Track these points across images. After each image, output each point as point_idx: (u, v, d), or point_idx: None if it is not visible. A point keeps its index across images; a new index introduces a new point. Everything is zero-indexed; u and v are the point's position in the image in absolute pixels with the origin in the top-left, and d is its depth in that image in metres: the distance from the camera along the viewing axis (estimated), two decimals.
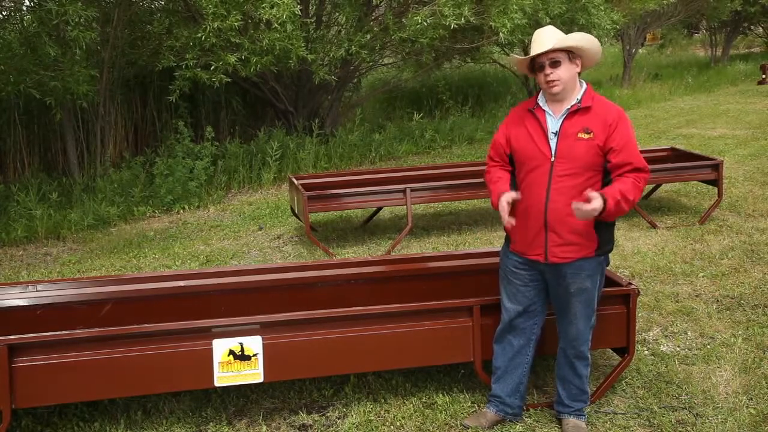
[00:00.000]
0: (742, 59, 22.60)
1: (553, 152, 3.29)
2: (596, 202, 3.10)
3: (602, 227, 3.32)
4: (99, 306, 4.18)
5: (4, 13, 8.28)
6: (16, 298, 4.13)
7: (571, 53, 3.28)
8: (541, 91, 3.41)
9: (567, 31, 3.41)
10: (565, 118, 3.31)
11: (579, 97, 3.32)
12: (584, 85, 3.37)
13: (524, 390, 3.67)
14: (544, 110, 3.37)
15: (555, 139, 3.30)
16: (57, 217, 7.65)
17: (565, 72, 3.27)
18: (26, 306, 4.12)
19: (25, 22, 8.09)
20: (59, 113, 8.35)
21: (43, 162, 9.53)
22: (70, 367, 3.38)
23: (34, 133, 9.42)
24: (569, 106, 3.31)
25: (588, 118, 3.28)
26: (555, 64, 3.26)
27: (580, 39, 3.28)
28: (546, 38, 3.27)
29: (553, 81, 3.26)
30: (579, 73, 3.36)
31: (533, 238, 3.37)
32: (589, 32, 11.49)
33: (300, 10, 8.04)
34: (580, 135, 3.26)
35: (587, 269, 3.34)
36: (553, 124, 3.33)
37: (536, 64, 3.31)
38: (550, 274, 3.41)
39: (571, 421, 3.55)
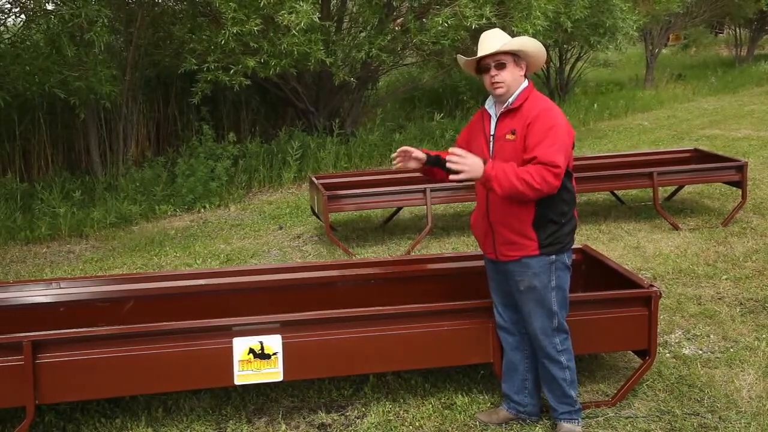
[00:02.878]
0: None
1: (491, 155, 3.37)
2: (472, 159, 3.13)
3: (541, 226, 3.32)
4: (121, 304, 4.22)
5: (30, 15, 8.38)
6: (40, 295, 4.18)
7: (516, 56, 3.33)
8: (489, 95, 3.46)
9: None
10: (497, 121, 3.38)
11: (512, 99, 3.34)
12: (523, 85, 3.37)
13: (533, 387, 3.63)
14: (489, 113, 3.45)
15: (492, 141, 3.38)
16: (80, 215, 7.73)
17: (509, 74, 3.32)
18: (50, 303, 4.17)
19: (49, 23, 8.18)
20: (83, 113, 8.44)
21: (66, 161, 9.64)
22: (92, 363, 3.41)
23: (57, 133, 9.53)
24: (503, 108, 3.36)
25: (515, 120, 3.31)
26: (500, 66, 3.31)
27: (525, 43, 3.34)
28: (492, 41, 3.32)
29: (498, 83, 3.31)
30: (525, 76, 3.39)
31: (485, 237, 3.50)
32: (614, 36, 11.48)
33: (320, 14, 8.05)
34: (507, 137, 3.31)
35: (534, 267, 3.35)
36: (492, 126, 3.41)
37: (482, 66, 3.36)
38: (504, 272, 3.47)
39: (564, 426, 3.52)
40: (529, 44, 3.35)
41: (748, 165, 7.07)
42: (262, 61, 8.25)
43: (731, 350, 4.37)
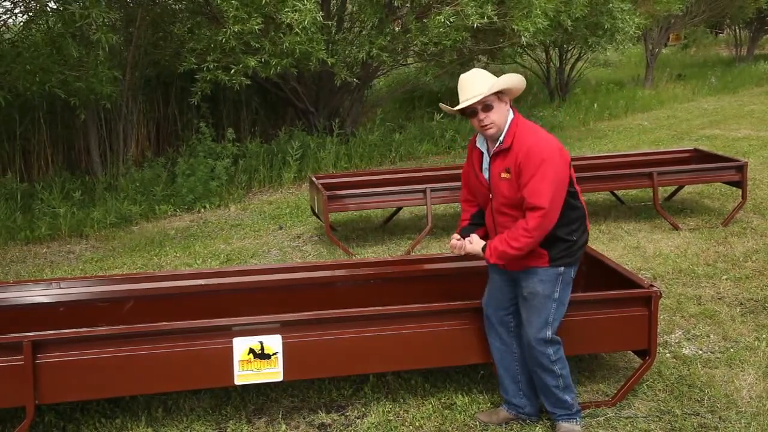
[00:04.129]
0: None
1: (490, 191, 3.45)
2: (471, 247, 3.46)
3: (552, 246, 3.36)
4: (121, 304, 4.22)
5: (30, 14, 8.38)
6: (40, 295, 4.18)
7: (500, 92, 3.36)
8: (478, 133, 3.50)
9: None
10: (491, 160, 3.42)
11: (501, 139, 3.37)
12: (509, 119, 3.38)
13: (528, 389, 3.63)
14: (480, 150, 3.50)
15: (489, 179, 3.44)
16: (80, 215, 7.73)
17: (497, 114, 3.35)
18: (50, 303, 4.17)
19: (50, 23, 8.18)
20: (83, 113, 8.45)
21: (66, 161, 9.64)
22: (92, 363, 3.41)
23: (57, 133, 9.53)
24: (495, 147, 3.39)
25: (508, 159, 3.34)
26: (487, 108, 3.34)
27: (508, 81, 3.36)
28: (473, 85, 3.35)
29: (488, 125, 3.35)
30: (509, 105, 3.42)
31: None
32: (613, 36, 11.48)
33: (322, 13, 8.05)
34: (503, 176, 3.36)
35: (541, 274, 3.39)
36: (487, 162, 3.46)
37: (468, 111, 3.39)
38: (511, 277, 3.52)
39: (562, 426, 3.53)
40: (512, 81, 3.38)
41: (748, 165, 7.07)
42: (262, 60, 8.25)
43: (731, 350, 4.37)
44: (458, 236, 3.59)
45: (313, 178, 6.90)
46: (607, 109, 14.42)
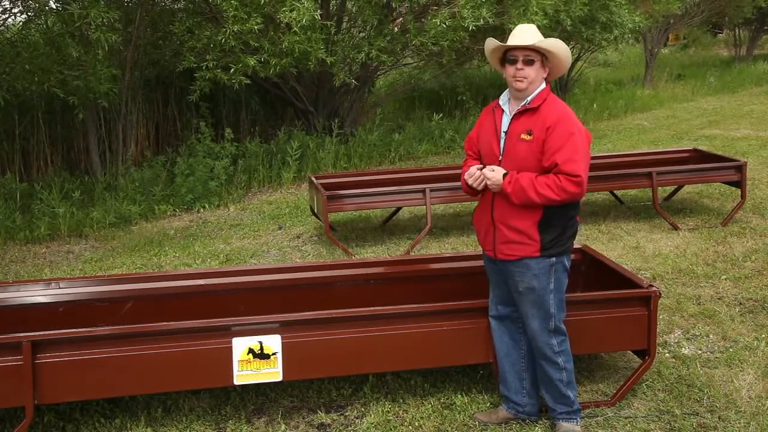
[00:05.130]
0: (767, 59, 22.31)
1: (501, 152, 3.36)
2: (493, 174, 3.28)
3: (545, 228, 3.32)
4: (120, 304, 4.22)
5: (30, 14, 8.38)
6: (39, 295, 4.18)
7: (544, 57, 3.32)
8: (507, 90, 3.44)
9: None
10: (512, 119, 3.35)
11: (530, 98, 3.33)
12: (541, 87, 3.36)
13: (531, 387, 3.63)
14: (502, 109, 3.42)
15: (504, 139, 3.36)
16: (79, 215, 7.73)
17: (534, 72, 3.31)
18: (49, 303, 4.17)
19: (49, 23, 8.18)
20: (81, 112, 8.44)
21: (65, 161, 9.63)
22: (91, 363, 3.41)
23: (57, 132, 9.52)
24: (520, 106, 3.34)
25: (533, 120, 3.30)
26: (528, 62, 3.30)
27: (558, 45, 3.31)
28: (526, 34, 3.30)
29: (521, 77, 3.30)
30: (546, 80, 3.38)
31: (485, 233, 3.49)
32: (611, 30, 11.47)
33: (320, 13, 8.05)
34: (522, 136, 3.30)
35: (534, 269, 3.35)
36: (505, 123, 3.38)
37: (508, 57, 3.34)
38: (503, 272, 3.47)
39: (562, 426, 3.52)
40: (562, 48, 3.32)
41: (748, 165, 7.07)
42: (262, 60, 8.25)
43: (730, 350, 4.37)
44: (478, 166, 3.45)
45: (313, 178, 6.90)
46: (607, 109, 14.42)
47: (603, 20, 10.95)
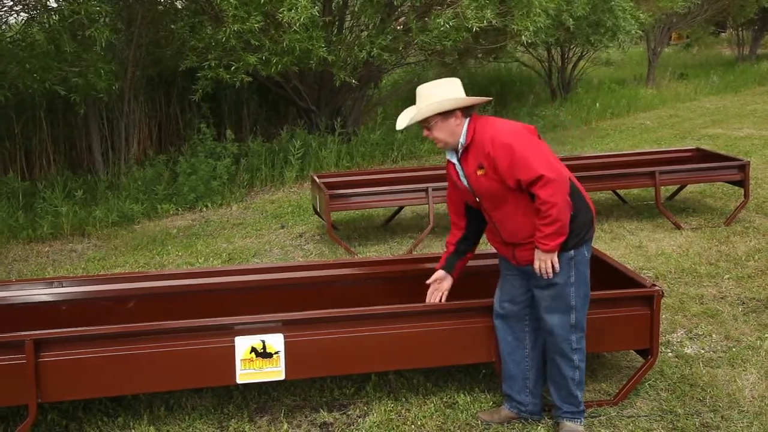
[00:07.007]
0: None
1: (474, 193, 3.43)
2: (540, 262, 3.31)
3: None
4: (123, 302, 4.23)
5: (32, 12, 8.39)
6: (42, 294, 4.19)
7: (440, 115, 3.34)
8: None
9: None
10: (461, 164, 3.42)
11: (462, 141, 3.37)
12: (465, 125, 3.37)
13: (534, 386, 3.63)
14: (452, 162, 3.50)
15: (467, 182, 3.43)
16: (82, 214, 7.74)
17: (440, 131, 3.38)
18: (52, 302, 4.18)
19: (50, 21, 8.18)
20: (82, 109, 8.44)
21: (68, 160, 9.64)
22: (94, 362, 3.42)
23: (59, 131, 9.54)
24: (458, 152, 3.40)
25: (475, 155, 3.34)
26: (430, 127, 3.38)
27: (433, 109, 3.31)
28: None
29: (435, 140, 3.42)
30: (468, 114, 3.37)
31: (503, 249, 3.54)
32: (615, 36, 11.47)
33: (321, 11, 8.04)
34: (478, 173, 3.35)
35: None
36: (460, 170, 3.46)
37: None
38: (524, 271, 3.49)
39: (566, 425, 3.51)
40: (439, 107, 3.31)
41: (751, 164, 7.06)
42: (263, 58, 8.25)
43: (733, 350, 4.37)
44: (442, 273, 3.69)
45: (315, 177, 6.90)
46: (609, 108, 14.41)
47: (609, 24, 10.96)
